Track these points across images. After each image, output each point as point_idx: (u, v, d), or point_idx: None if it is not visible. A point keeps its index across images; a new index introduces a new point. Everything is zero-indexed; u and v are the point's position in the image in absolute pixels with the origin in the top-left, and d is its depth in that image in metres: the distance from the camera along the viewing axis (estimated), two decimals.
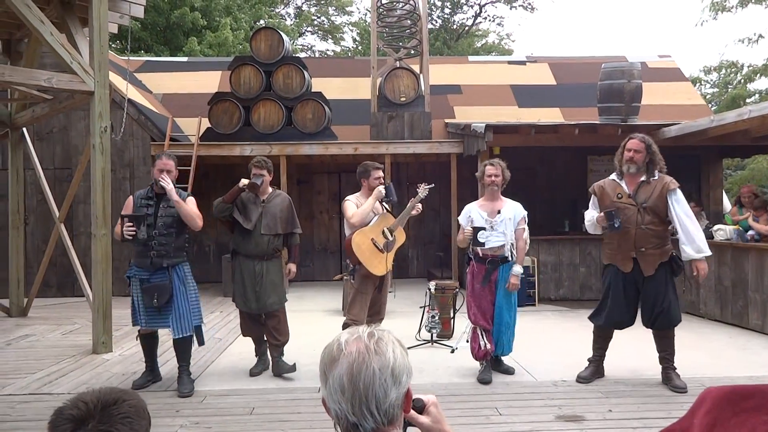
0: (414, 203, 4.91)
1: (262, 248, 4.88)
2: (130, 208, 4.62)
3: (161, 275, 4.55)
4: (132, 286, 4.63)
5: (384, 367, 1.17)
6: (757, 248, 6.63)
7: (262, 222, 4.88)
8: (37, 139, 9.63)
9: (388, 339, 1.22)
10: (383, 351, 1.19)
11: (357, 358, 1.17)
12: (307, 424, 3.89)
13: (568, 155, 10.60)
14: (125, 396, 1.23)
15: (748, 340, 6.24)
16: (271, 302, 4.92)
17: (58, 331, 6.93)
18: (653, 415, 3.97)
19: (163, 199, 4.61)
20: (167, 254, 4.55)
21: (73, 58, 5.82)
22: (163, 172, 4.53)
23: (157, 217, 4.58)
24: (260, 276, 4.88)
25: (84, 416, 1.16)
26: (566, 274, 8.76)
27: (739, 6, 17.36)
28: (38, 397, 4.49)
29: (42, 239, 9.58)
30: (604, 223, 4.57)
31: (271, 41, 10.35)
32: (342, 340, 1.22)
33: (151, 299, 4.49)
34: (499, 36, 29.30)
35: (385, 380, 1.16)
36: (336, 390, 1.17)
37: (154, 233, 4.52)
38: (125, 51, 15.61)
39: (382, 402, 1.16)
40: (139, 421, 1.21)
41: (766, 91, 19.37)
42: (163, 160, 4.60)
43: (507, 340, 4.90)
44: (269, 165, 4.99)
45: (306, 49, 28.63)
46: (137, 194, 4.71)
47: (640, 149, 4.55)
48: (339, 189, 11.78)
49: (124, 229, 4.43)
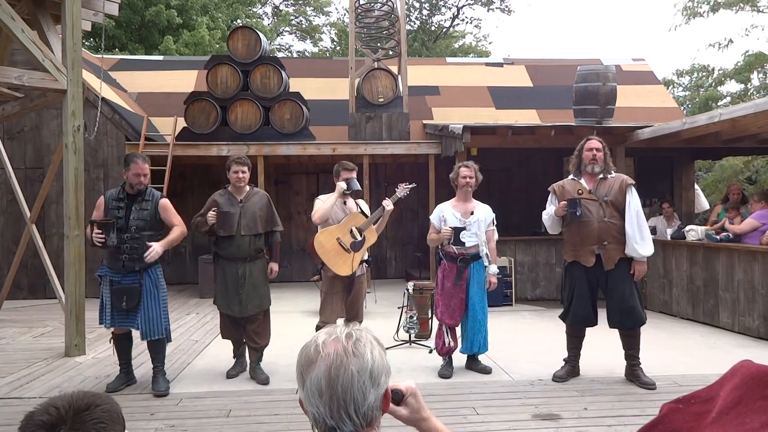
0: (389, 203, 4.85)
1: (243, 250, 4.78)
2: (101, 210, 4.51)
3: (132, 278, 4.47)
4: (102, 285, 4.54)
5: (362, 369, 1.15)
6: (727, 248, 6.78)
7: (241, 223, 4.78)
8: (8, 138, 9.43)
9: (366, 339, 1.20)
10: (361, 353, 1.17)
11: (335, 361, 1.15)
12: (285, 426, 3.86)
13: (545, 156, 10.72)
14: (98, 400, 1.19)
15: (718, 338, 6.38)
16: (254, 306, 4.83)
17: (29, 334, 6.79)
18: (628, 413, 4.03)
19: (136, 201, 4.51)
20: (139, 258, 4.45)
21: (45, 55, 5.71)
22: (140, 176, 4.47)
23: (129, 219, 4.47)
24: (243, 278, 4.78)
25: (55, 422, 1.12)
26: (543, 275, 8.86)
27: (710, 11, 17.74)
28: (8, 402, 4.39)
29: (12, 240, 9.38)
30: (564, 212, 4.66)
31: (249, 41, 10.28)
32: (320, 341, 1.19)
33: (120, 302, 4.42)
34: (476, 38, 29.51)
35: (363, 383, 1.15)
36: (314, 393, 1.15)
37: (125, 237, 4.41)
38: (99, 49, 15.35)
39: (361, 405, 1.14)
40: (113, 425, 1.18)
41: (737, 93, 19.81)
42: (138, 164, 4.48)
43: (482, 338, 4.97)
44: (248, 162, 4.93)
45: (284, 49, 28.50)
46: (108, 194, 4.59)
47: (600, 148, 4.72)
48: (317, 189, 11.73)
49: (93, 235, 4.34)
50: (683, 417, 1.10)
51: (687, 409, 1.10)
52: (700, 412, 1.08)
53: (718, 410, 1.04)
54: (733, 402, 1.02)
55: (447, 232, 4.87)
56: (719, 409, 1.04)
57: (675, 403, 1.13)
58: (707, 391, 1.10)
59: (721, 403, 1.04)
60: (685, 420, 1.09)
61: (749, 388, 1.01)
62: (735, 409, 1.01)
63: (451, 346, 4.98)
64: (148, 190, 4.62)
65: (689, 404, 1.11)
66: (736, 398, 1.02)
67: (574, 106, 9.10)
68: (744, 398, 1.01)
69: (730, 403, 1.02)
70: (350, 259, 4.74)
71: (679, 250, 7.56)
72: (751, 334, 6.35)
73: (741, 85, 19.60)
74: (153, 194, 4.62)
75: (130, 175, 4.50)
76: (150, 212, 4.55)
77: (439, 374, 4.95)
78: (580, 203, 4.62)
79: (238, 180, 4.83)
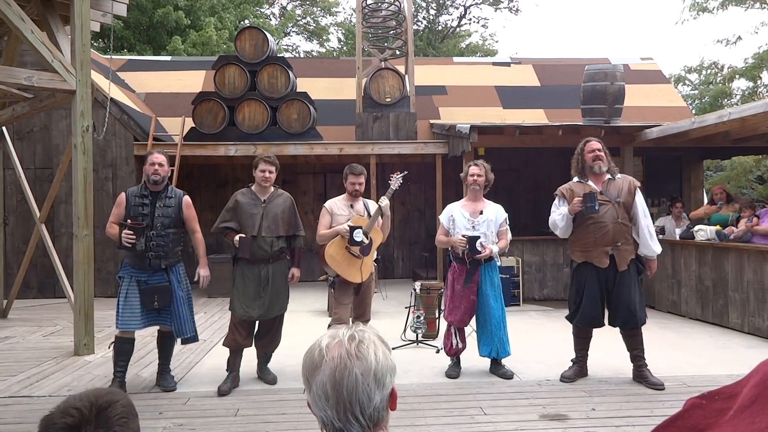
0: (384, 200, 4.78)
1: (265, 251, 4.66)
2: (122, 207, 4.49)
3: (159, 277, 4.45)
4: (123, 287, 4.44)
5: (366, 371, 1.16)
6: (737, 248, 6.73)
7: (263, 224, 4.65)
8: (17, 138, 9.50)
9: (370, 340, 1.21)
10: (365, 355, 1.17)
11: (339, 364, 1.16)
12: (293, 426, 3.87)
13: (552, 156, 10.69)
14: (116, 396, 1.19)
15: (728, 338, 6.33)
16: (276, 309, 4.74)
17: (38, 333, 6.84)
18: (636, 414, 4.01)
19: (159, 198, 4.51)
20: (165, 255, 4.46)
21: (54, 56, 5.74)
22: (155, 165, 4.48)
23: (154, 217, 4.46)
24: (266, 280, 4.64)
25: (79, 423, 1.11)
26: (550, 274, 8.83)
27: (719, 8, 17.63)
28: (18, 400, 4.42)
29: (22, 240, 9.45)
30: (580, 207, 4.58)
31: (256, 41, 10.31)
32: (323, 344, 1.20)
33: (152, 301, 4.39)
34: (483, 37, 29.45)
35: (368, 385, 1.15)
36: (320, 397, 1.16)
37: (151, 234, 4.41)
38: (108, 50, 15.44)
39: (367, 407, 1.15)
40: (133, 419, 1.19)
41: (747, 91, 19.67)
42: (154, 154, 4.52)
43: (501, 341, 4.84)
44: (277, 162, 4.83)
45: (291, 49, 28.55)
46: (130, 191, 4.55)
47: (601, 148, 4.71)
48: (324, 189, 11.77)
49: (123, 235, 4.31)
50: (704, 413, 1.09)
51: (709, 405, 1.09)
52: (721, 409, 1.07)
53: (736, 408, 1.03)
54: (749, 400, 1.01)
55: (461, 242, 4.76)
56: (737, 407, 1.03)
57: (699, 398, 1.12)
58: (732, 388, 1.09)
59: (740, 402, 1.03)
60: (705, 416, 1.08)
61: (765, 386, 1.00)
62: (750, 408, 1.00)
63: (459, 348, 4.96)
64: (170, 188, 4.62)
65: (713, 400, 1.09)
66: (752, 397, 1.01)
67: (581, 105, 9.07)
68: (759, 397, 1.00)
69: (746, 401, 1.02)
70: (360, 264, 4.74)
71: (688, 250, 7.52)
72: (761, 334, 6.30)
73: (750, 82, 19.45)
74: (175, 191, 4.63)
75: (146, 166, 4.50)
76: (174, 209, 4.56)
77: (446, 374, 4.93)
78: (597, 198, 4.58)
79: (264, 179, 4.72)
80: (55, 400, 4.40)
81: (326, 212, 4.87)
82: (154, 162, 4.48)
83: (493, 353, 4.87)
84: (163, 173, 4.54)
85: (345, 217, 4.82)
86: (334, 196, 5.12)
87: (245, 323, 4.71)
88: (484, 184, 4.94)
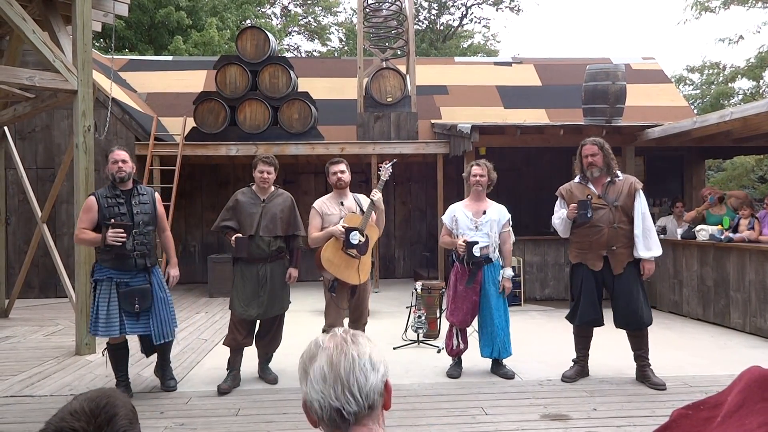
0: (376, 192, 4.61)
1: (263, 250, 4.63)
2: (94, 210, 4.29)
3: (141, 278, 4.34)
4: (99, 290, 4.25)
5: (362, 353, 1.22)
6: (738, 248, 6.72)
7: (261, 224, 4.63)
8: (19, 138, 9.51)
9: (364, 338, 1.28)
10: (360, 342, 1.24)
11: (335, 349, 1.21)
12: (293, 425, 3.87)
13: (554, 156, 10.68)
14: (116, 409, 1.14)
15: (729, 338, 6.33)
16: (275, 308, 4.72)
17: (40, 333, 6.85)
18: (637, 414, 4.00)
19: (133, 195, 4.39)
20: (149, 254, 4.39)
21: (56, 56, 5.75)
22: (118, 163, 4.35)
23: (134, 215, 4.35)
24: (265, 279, 4.62)
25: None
26: (552, 274, 8.82)
27: (721, 7, 17.61)
28: (20, 400, 4.42)
29: (24, 240, 9.47)
30: (575, 214, 4.63)
31: (257, 41, 10.31)
32: (320, 339, 1.27)
33: (132, 305, 4.24)
34: (485, 37, 29.44)
35: (364, 364, 1.20)
36: (318, 380, 1.19)
37: (134, 233, 4.30)
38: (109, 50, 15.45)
39: (363, 385, 1.18)
40: (134, 428, 1.17)
41: (749, 91, 19.64)
42: (114, 152, 4.38)
43: (503, 342, 4.84)
44: (276, 162, 4.80)
45: (292, 49, 28.56)
46: (99, 193, 4.36)
47: (596, 152, 4.70)
48: (325, 189, 11.73)
49: (109, 234, 4.15)
50: (691, 422, 1.12)
51: (696, 414, 1.12)
52: (708, 418, 1.10)
53: (723, 414, 1.05)
54: (737, 405, 1.03)
55: (461, 248, 4.76)
56: (724, 413, 1.05)
57: (685, 409, 1.14)
58: (716, 398, 1.12)
59: (726, 408, 1.05)
60: (692, 425, 1.11)
61: (752, 391, 1.02)
62: (738, 413, 1.02)
63: (461, 348, 4.96)
64: (139, 185, 4.51)
65: (698, 410, 1.12)
66: (739, 402, 1.03)
67: (583, 105, 9.06)
68: (746, 401, 1.02)
69: (733, 407, 1.04)
70: (358, 264, 4.58)
71: (690, 250, 7.51)
72: (762, 334, 6.30)
73: (752, 82, 19.42)
74: (146, 189, 4.55)
75: (109, 165, 4.36)
76: (150, 206, 4.48)
77: (447, 374, 4.93)
78: (591, 205, 4.61)
79: (263, 180, 4.71)
80: (57, 399, 4.41)
81: (316, 213, 4.70)
82: (116, 159, 4.35)
83: (494, 354, 4.87)
84: (128, 169, 4.38)
85: (337, 216, 4.64)
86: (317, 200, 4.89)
87: (245, 322, 4.71)
88: (486, 184, 4.92)
